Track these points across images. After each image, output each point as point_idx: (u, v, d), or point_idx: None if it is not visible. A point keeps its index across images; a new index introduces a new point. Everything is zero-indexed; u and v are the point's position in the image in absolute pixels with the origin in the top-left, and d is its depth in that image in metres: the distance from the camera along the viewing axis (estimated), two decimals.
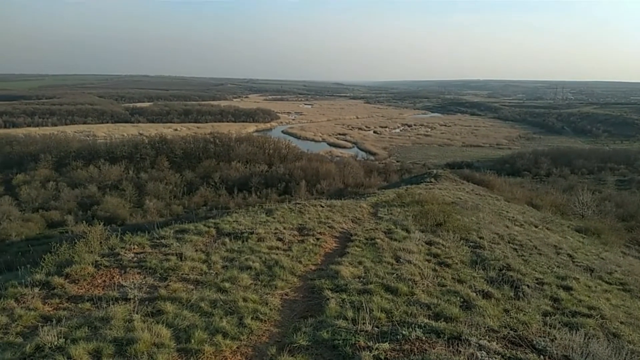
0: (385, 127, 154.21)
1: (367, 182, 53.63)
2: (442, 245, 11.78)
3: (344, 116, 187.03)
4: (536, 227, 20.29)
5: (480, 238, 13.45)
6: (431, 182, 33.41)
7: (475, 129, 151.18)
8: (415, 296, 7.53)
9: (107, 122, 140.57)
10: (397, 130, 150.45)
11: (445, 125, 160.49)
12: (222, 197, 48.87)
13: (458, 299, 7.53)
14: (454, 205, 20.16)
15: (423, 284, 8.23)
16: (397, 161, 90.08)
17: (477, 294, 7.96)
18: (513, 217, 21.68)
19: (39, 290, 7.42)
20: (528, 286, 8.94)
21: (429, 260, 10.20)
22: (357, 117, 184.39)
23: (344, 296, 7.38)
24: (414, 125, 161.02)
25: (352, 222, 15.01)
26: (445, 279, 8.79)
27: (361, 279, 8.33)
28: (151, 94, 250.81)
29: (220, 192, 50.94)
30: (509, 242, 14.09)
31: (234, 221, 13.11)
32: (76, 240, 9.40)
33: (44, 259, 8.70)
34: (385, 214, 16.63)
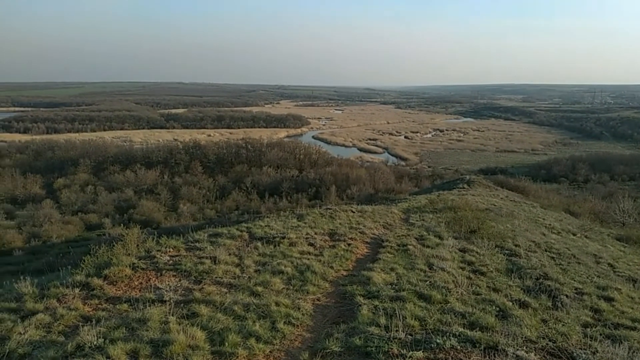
0: (417, 132, 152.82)
1: (398, 187, 53.25)
2: (477, 252, 11.55)
3: (374, 121, 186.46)
4: (574, 235, 19.69)
5: (516, 246, 13.13)
6: (464, 188, 32.85)
7: (509, 134, 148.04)
8: (449, 304, 7.40)
9: (144, 128, 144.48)
10: (429, 135, 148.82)
11: (479, 130, 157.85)
12: (253, 202, 49.40)
13: (494, 308, 7.35)
14: (488, 212, 19.77)
15: (457, 292, 8.08)
16: (429, 167, 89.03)
17: (513, 304, 7.76)
18: (550, 224, 21.08)
19: (79, 290, 7.64)
20: (567, 296, 8.65)
21: (463, 268, 10.01)
22: (388, 122, 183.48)
23: (376, 303, 7.33)
24: (446, 130, 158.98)
25: (384, 227, 14.91)
26: (480, 288, 8.61)
27: (393, 286, 8.24)
28: (186, 100, 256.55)
29: (252, 197, 51.49)
30: (545, 251, 13.70)
31: (265, 226, 13.23)
32: (114, 243, 9.66)
33: (84, 261, 8.94)
34: (417, 220, 16.45)
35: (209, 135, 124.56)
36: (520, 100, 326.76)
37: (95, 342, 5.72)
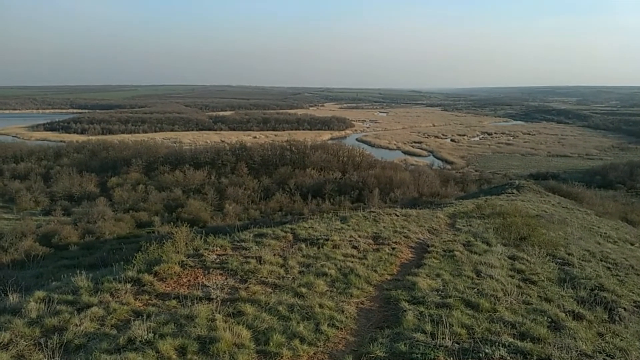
0: (464, 135, 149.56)
1: (443, 191, 52.15)
2: (527, 260, 11.14)
3: (419, 124, 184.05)
4: (632, 244, 18.68)
5: (569, 254, 12.60)
6: (513, 193, 31.84)
7: (562, 138, 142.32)
8: (498, 313, 7.18)
9: (192, 130, 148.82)
10: (476, 138, 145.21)
11: (529, 134, 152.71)
12: (296, 203, 49.70)
13: (545, 318, 7.06)
14: (538, 219, 19.06)
15: (506, 300, 7.82)
16: (476, 170, 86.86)
17: (566, 315, 7.43)
18: (605, 233, 20.10)
19: (131, 286, 7.94)
20: (625, 309, 8.21)
21: (512, 276, 9.68)
22: (434, 125, 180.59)
23: (422, 309, 7.20)
24: (495, 133, 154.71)
25: (429, 232, 14.65)
26: (530, 297, 8.30)
27: (439, 292, 8.08)
28: (233, 103, 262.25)
29: (295, 198, 51.80)
30: (601, 260, 13.06)
31: (309, 227, 13.30)
32: (164, 241, 9.96)
33: (135, 257, 9.26)
34: (463, 226, 16.07)
35: (255, 137, 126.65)
36: (574, 103, 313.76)
37: (145, 337, 5.92)
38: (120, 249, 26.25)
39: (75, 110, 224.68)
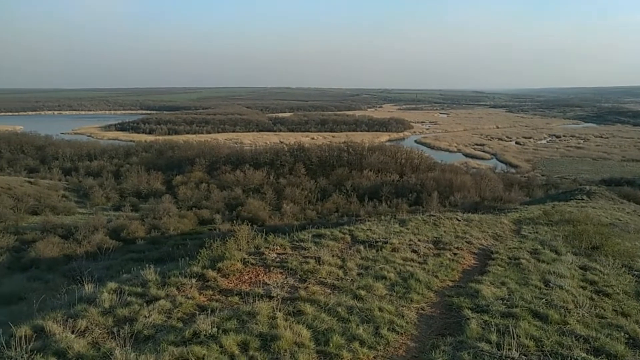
0: (530, 137, 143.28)
1: (507, 196, 50.09)
2: (600, 271, 10.47)
3: (482, 126, 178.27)
4: None
5: None
6: (583, 199, 30.05)
7: (638, 142, 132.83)
8: (568, 326, 6.79)
9: (253, 131, 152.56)
10: (543, 141, 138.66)
11: (602, 137, 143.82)
12: (352, 205, 49.51)
13: (622, 334, 6.61)
14: (612, 227, 17.87)
15: (578, 313, 7.38)
16: (542, 175, 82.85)
17: None
18: None
19: (196, 281, 8.23)
20: None
21: (584, 287, 9.13)
22: (497, 127, 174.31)
23: (486, 317, 6.95)
24: (563, 136, 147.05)
25: (492, 238, 14.14)
26: (604, 310, 7.79)
27: (504, 301, 7.76)
28: (292, 104, 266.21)
29: (351, 200, 51.65)
30: None
31: (367, 229, 13.21)
32: (226, 238, 10.24)
33: (200, 253, 9.58)
34: (530, 232, 15.37)
35: (313, 139, 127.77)
36: None
37: (209, 331, 6.10)
38: (184, 245, 27.21)
39: (144, 112, 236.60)
